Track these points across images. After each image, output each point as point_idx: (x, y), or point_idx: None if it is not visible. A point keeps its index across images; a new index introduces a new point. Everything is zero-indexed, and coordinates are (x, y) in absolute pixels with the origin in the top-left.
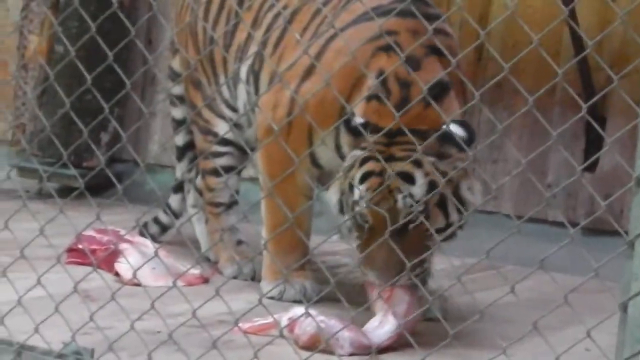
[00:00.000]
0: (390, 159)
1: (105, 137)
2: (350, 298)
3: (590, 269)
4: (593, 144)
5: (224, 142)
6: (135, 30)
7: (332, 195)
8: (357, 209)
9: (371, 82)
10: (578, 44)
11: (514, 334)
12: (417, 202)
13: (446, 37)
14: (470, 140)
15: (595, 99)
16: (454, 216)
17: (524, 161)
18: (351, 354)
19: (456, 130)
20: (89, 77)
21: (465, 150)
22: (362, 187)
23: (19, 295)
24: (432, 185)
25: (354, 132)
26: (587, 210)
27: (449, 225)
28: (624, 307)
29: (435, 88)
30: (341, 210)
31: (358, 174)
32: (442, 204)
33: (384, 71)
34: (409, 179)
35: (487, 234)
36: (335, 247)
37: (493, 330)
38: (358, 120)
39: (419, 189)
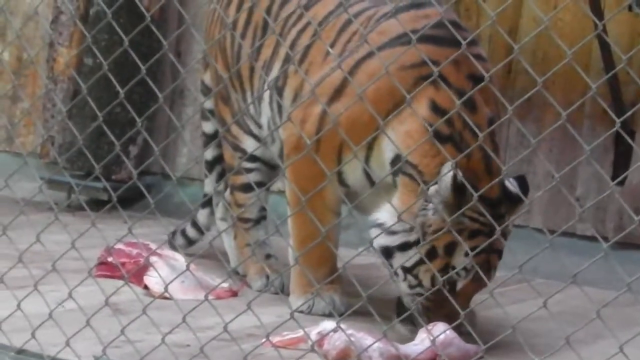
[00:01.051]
0: (492, 234)
1: (134, 150)
2: (381, 312)
3: (621, 282)
4: (622, 157)
5: (252, 158)
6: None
7: (385, 218)
8: (456, 276)
9: (424, 113)
10: (607, 57)
11: (545, 348)
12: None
13: (484, 63)
14: (526, 192)
15: (629, 113)
16: None
17: (556, 175)
18: None
19: (513, 187)
20: (121, 91)
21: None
22: (469, 260)
23: (50, 308)
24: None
25: (460, 190)
26: (616, 223)
27: None
28: None
29: (492, 132)
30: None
31: (464, 246)
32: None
33: (437, 104)
34: (500, 255)
35: (517, 247)
36: (365, 260)
37: (524, 343)
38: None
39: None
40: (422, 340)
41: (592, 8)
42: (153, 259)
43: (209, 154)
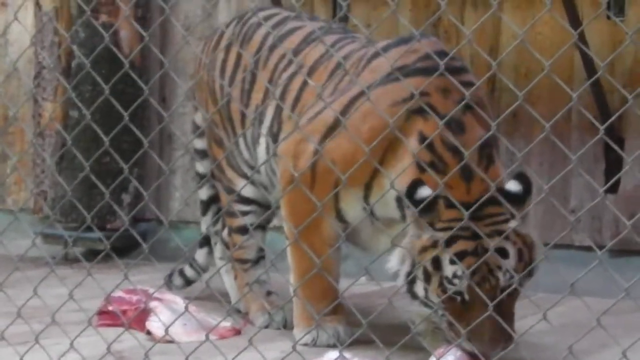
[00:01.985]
0: (478, 236)
1: (127, 198)
2: (384, 339)
3: (621, 291)
4: (613, 165)
5: (247, 201)
6: (148, 89)
7: (394, 264)
8: (452, 286)
9: (414, 147)
10: (590, 67)
11: None
12: (513, 274)
13: (475, 89)
14: (529, 190)
15: (611, 120)
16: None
17: (545, 187)
18: None
19: (514, 186)
20: (106, 139)
21: (525, 204)
22: (458, 267)
23: None
24: (520, 253)
25: (420, 205)
26: (612, 232)
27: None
28: None
29: (486, 148)
30: (411, 280)
31: (448, 254)
32: (527, 268)
33: (425, 135)
34: (504, 254)
35: None
36: (365, 288)
37: (530, 358)
38: (425, 192)
39: (513, 261)
40: None
41: (569, 19)
42: (154, 303)
43: (204, 193)
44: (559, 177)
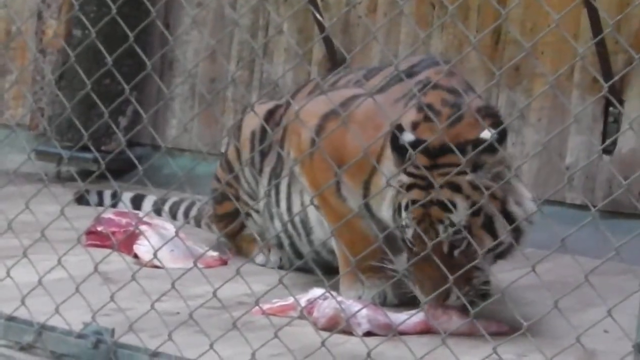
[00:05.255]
0: (431, 185)
1: (123, 121)
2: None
3: (611, 252)
4: (611, 126)
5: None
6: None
7: (384, 211)
8: (405, 235)
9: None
10: (596, 27)
11: (535, 315)
12: (460, 228)
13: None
14: (500, 140)
15: (616, 77)
16: (503, 233)
17: (544, 142)
18: (369, 333)
19: (486, 134)
20: (109, 59)
21: (496, 152)
22: (407, 215)
23: (39, 276)
24: (473, 207)
25: (400, 151)
26: (605, 193)
27: (500, 243)
28: None
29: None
30: (398, 229)
31: (404, 201)
32: (487, 224)
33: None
34: (449, 206)
35: None
36: None
37: (515, 310)
38: (409, 137)
39: (460, 215)
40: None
41: None
42: (143, 227)
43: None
44: (556, 133)
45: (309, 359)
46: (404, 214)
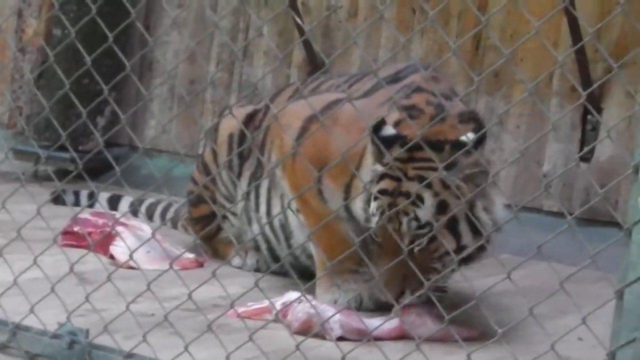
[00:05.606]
0: (404, 176)
1: (101, 122)
2: None
3: (587, 260)
4: (590, 134)
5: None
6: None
7: (357, 207)
8: (369, 225)
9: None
10: (576, 34)
11: (510, 322)
12: (423, 224)
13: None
14: (478, 141)
15: (595, 86)
16: (467, 238)
17: (522, 149)
18: (341, 338)
19: (464, 138)
20: (88, 59)
21: (472, 152)
22: (374, 204)
23: (14, 275)
24: (441, 206)
25: (378, 145)
26: (582, 200)
27: (462, 247)
28: (620, 295)
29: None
30: (366, 221)
31: (374, 190)
32: (451, 225)
33: (408, 106)
34: (416, 200)
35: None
36: None
37: (490, 317)
38: (389, 131)
39: (426, 211)
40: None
41: None
42: (119, 228)
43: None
44: (534, 141)
45: None
46: (372, 203)
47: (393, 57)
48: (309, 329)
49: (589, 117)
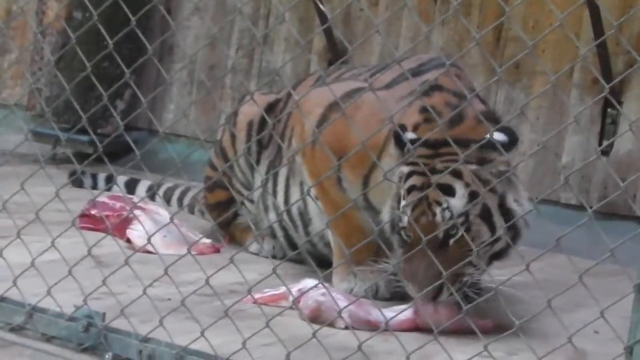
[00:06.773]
0: (432, 171)
1: (120, 105)
2: None
3: (605, 253)
4: (609, 127)
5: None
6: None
7: (385, 215)
8: (401, 224)
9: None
10: (598, 27)
11: (527, 313)
12: (456, 214)
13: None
14: (511, 143)
15: (617, 79)
16: (500, 230)
17: (542, 141)
18: (349, 327)
19: (497, 136)
20: (110, 42)
21: (505, 153)
22: (404, 201)
23: (32, 257)
24: (473, 196)
25: (401, 145)
26: (600, 193)
27: (496, 239)
28: (638, 289)
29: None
30: (392, 229)
31: (403, 189)
32: (485, 216)
33: (427, 107)
34: (448, 190)
35: None
36: None
37: (507, 309)
38: (410, 135)
39: (458, 201)
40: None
41: None
42: (137, 212)
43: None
44: (555, 133)
45: (300, 350)
46: (402, 202)
47: (413, 48)
48: (318, 317)
49: (609, 110)
